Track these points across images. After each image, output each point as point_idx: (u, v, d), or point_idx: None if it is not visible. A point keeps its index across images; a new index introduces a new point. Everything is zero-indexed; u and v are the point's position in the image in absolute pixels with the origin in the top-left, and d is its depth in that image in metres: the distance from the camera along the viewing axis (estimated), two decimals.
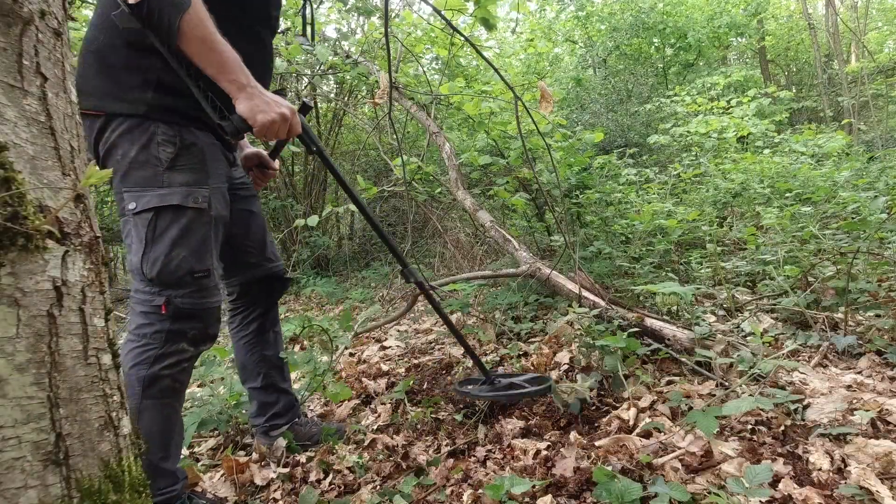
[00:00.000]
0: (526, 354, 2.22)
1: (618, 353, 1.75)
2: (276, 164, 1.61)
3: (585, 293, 2.23)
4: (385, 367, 2.36)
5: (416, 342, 2.76)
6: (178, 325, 1.19)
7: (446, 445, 1.54)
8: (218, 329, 1.28)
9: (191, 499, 1.28)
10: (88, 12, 3.55)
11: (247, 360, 1.62)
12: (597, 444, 1.38)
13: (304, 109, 1.35)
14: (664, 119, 7.25)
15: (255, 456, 1.58)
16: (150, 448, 1.18)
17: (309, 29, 1.69)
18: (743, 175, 4.09)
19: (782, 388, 1.60)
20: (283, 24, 4.25)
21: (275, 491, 1.41)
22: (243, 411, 1.77)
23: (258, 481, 1.45)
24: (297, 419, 1.66)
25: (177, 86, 1.17)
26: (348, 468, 1.46)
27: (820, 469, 1.16)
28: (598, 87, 9.93)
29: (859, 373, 1.65)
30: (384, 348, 2.70)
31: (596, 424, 1.54)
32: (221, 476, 1.51)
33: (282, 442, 1.58)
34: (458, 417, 1.72)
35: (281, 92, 1.26)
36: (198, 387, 2.24)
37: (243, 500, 1.40)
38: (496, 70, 1.89)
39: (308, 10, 1.70)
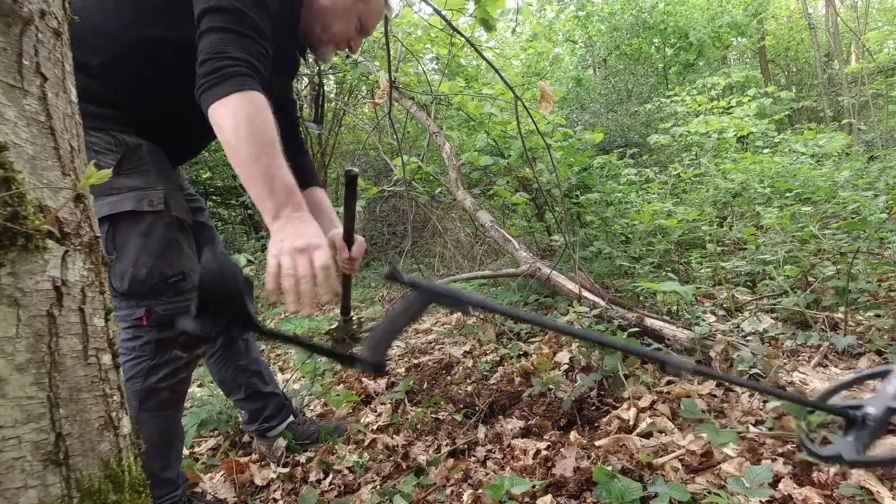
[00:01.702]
0: (526, 354, 2.22)
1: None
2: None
3: (585, 293, 2.23)
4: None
5: (416, 342, 2.76)
6: (164, 334, 1.12)
7: (446, 445, 1.54)
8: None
9: (191, 501, 1.27)
10: None
11: (224, 376, 1.57)
12: (597, 444, 1.38)
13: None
14: (664, 119, 7.25)
15: (254, 456, 1.59)
16: (150, 458, 1.14)
17: (320, 111, 1.61)
18: (743, 175, 4.09)
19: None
20: None
21: (275, 491, 1.41)
22: (242, 411, 1.77)
23: (258, 481, 1.45)
24: (293, 418, 1.66)
25: (101, 96, 1.07)
26: (348, 468, 1.46)
27: (820, 469, 1.16)
28: (598, 86, 9.93)
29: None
30: None
31: (596, 424, 1.54)
32: (221, 476, 1.52)
33: (282, 442, 1.58)
34: (458, 417, 1.72)
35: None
36: (198, 387, 2.24)
37: (243, 501, 1.40)
38: (496, 70, 1.89)
39: (321, 98, 1.60)
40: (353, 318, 1.28)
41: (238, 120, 0.91)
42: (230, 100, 0.92)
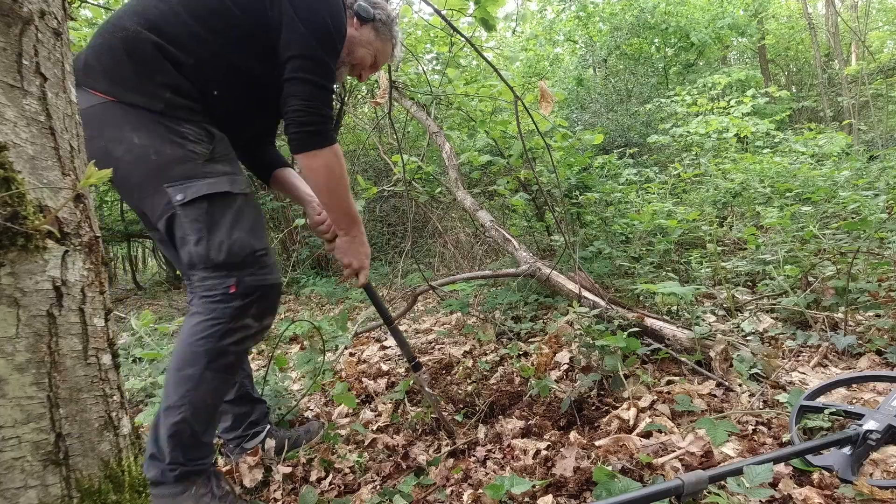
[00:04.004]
0: (526, 354, 2.22)
1: (618, 353, 1.75)
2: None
3: (585, 293, 2.23)
4: (385, 367, 2.36)
5: (415, 342, 2.76)
6: (245, 302, 1.22)
7: (446, 445, 1.54)
8: (278, 305, 1.33)
9: (217, 475, 1.29)
10: (88, 12, 3.55)
11: None
12: (597, 443, 1.38)
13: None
14: (664, 119, 7.25)
15: (249, 459, 1.53)
16: (198, 419, 1.21)
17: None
18: (743, 175, 4.09)
19: (783, 388, 1.60)
20: None
21: (275, 491, 1.41)
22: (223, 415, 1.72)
23: (247, 482, 1.43)
24: (270, 426, 1.61)
25: (192, 93, 1.22)
26: (349, 468, 1.46)
27: (820, 469, 1.15)
28: (599, 86, 9.93)
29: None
30: (384, 348, 2.70)
31: (596, 424, 1.54)
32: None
33: (270, 442, 1.54)
34: (459, 417, 1.72)
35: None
36: None
37: (244, 499, 1.39)
38: (496, 70, 1.89)
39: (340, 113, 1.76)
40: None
41: (330, 169, 1.31)
42: (323, 153, 1.29)
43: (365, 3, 1.46)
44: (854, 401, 1.46)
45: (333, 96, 1.32)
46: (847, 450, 1.17)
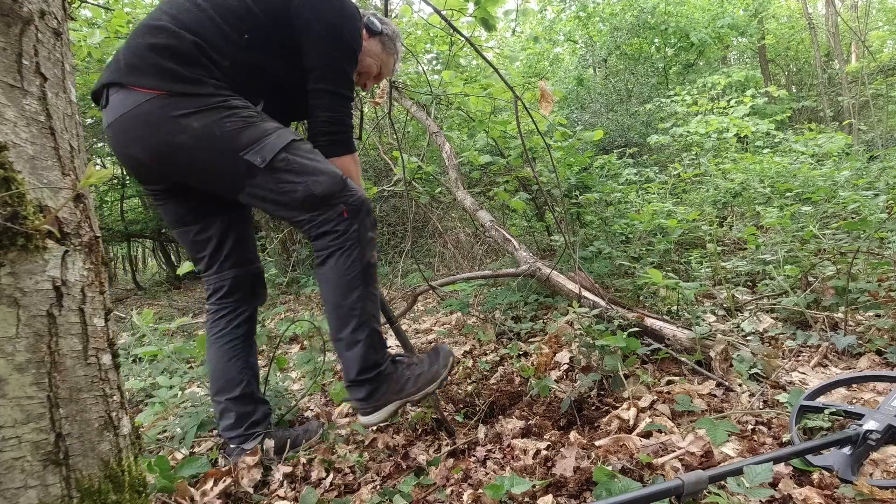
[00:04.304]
0: (526, 354, 2.22)
1: (618, 353, 1.75)
2: None
3: (585, 293, 2.23)
4: None
5: (416, 342, 2.76)
6: (360, 217, 1.38)
7: (446, 445, 1.54)
8: None
9: (395, 361, 1.51)
10: (87, 12, 3.55)
11: (228, 367, 1.54)
12: (597, 443, 1.38)
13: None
14: (664, 119, 7.25)
15: (249, 459, 1.53)
16: (377, 324, 1.43)
17: None
18: (743, 175, 4.09)
19: (783, 388, 1.60)
20: None
21: (275, 491, 1.41)
22: (225, 414, 1.71)
23: (245, 484, 1.42)
24: (269, 427, 1.61)
25: (230, 85, 1.33)
26: (349, 467, 1.46)
27: (820, 469, 1.15)
28: (599, 86, 9.93)
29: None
30: None
31: (596, 424, 1.54)
32: (211, 486, 1.49)
33: (269, 442, 1.54)
34: (459, 417, 1.72)
35: None
36: (197, 387, 2.24)
37: (244, 499, 1.39)
38: (496, 70, 1.89)
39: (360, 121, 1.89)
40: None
41: (348, 174, 1.44)
42: (344, 159, 1.47)
43: (374, 18, 1.61)
44: (854, 401, 1.46)
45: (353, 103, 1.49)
46: (847, 450, 1.17)
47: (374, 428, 1.74)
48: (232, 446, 1.55)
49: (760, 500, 1.03)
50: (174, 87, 1.23)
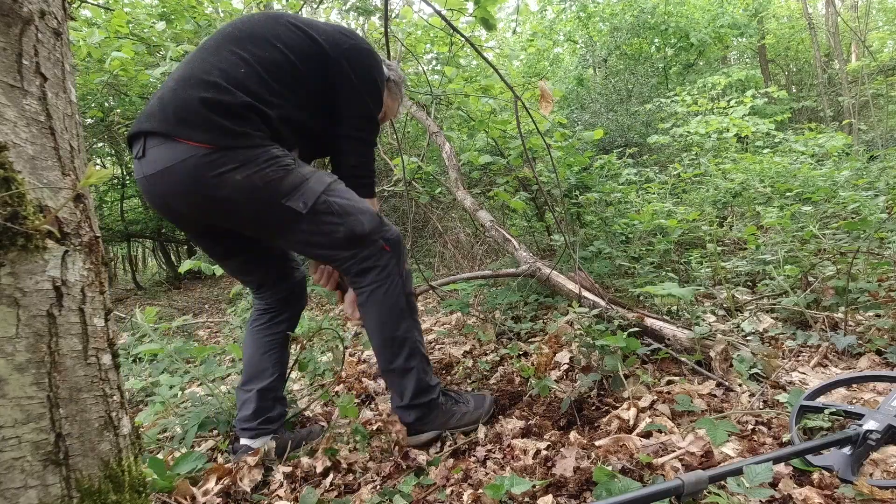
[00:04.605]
0: (526, 354, 2.22)
1: (618, 353, 1.75)
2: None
3: (585, 293, 2.23)
4: None
5: None
6: (397, 251, 1.46)
7: (447, 445, 1.54)
8: None
9: (446, 394, 1.61)
10: (87, 12, 3.55)
11: (262, 359, 1.60)
12: (597, 443, 1.38)
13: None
14: (664, 119, 7.25)
15: (249, 459, 1.53)
16: (424, 369, 1.52)
17: None
18: (743, 175, 4.09)
19: (783, 388, 1.60)
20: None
21: (275, 491, 1.41)
22: (244, 404, 1.73)
23: (245, 485, 1.42)
24: (281, 429, 1.63)
25: (273, 135, 1.36)
26: (348, 465, 1.46)
27: (820, 469, 1.15)
28: (599, 86, 9.93)
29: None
30: None
31: (596, 424, 1.54)
32: (213, 484, 1.49)
33: (272, 443, 1.54)
34: None
35: None
36: (197, 386, 2.24)
37: (244, 499, 1.39)
38: (496, 70, 1.89)
39: None
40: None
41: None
42: (368, 201, 1.52)
43: (382, 64, 1.64)
44: (854, 401, 1.46)
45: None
46: (847, 450, 1.17)
47: (374, 428, 1.73)
48: (242, 441, 1.56)
49: (760, 500, 1.03)
50: (222, 141, 1.25)
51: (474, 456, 1.45)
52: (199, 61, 1.34)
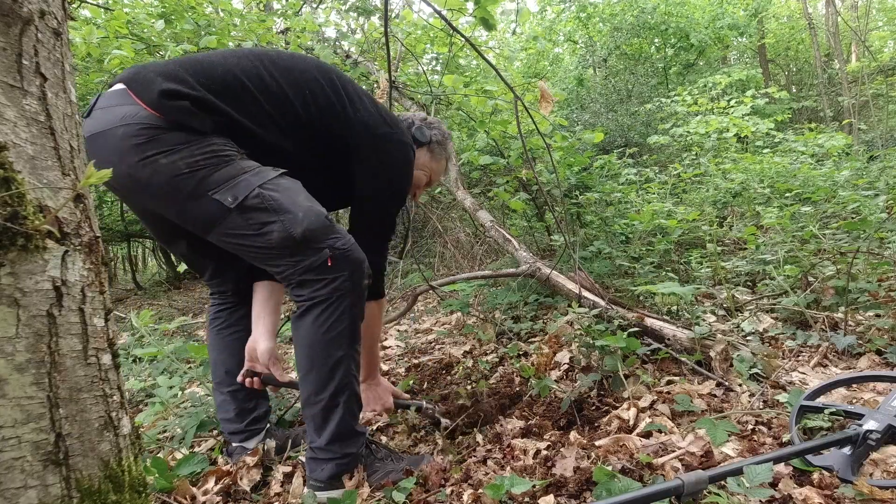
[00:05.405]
0: (526, 354, 2.22)
1: (618, 353, 1.75)
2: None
3: (585, 293, 2.23)
4: (385, 367, 2.36)
5: (415, 342, 2.76)
6: (349, 265, 1.21)
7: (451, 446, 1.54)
8: None
9: (371, 446, 1.40)
10: (87, 12, 3.55)
11: (229, 361, 1.51)
12: (597, 443, 1.38)
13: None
14: (664, 119, 7.25)
15: (248, 459, 1.53)
16: (355, 412, 1.29)
17: None
18: (743, 175, 4.09)
19: (783, 388, 1.60)
20: (282, 25, 4.25)
21: (276, 490, 1.41)
22: (227, 407, 1.70)
23: (245, 485, 1.42)
24: (269, 426, 1.60)
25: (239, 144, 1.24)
26: None
27: (820, 469, 1.15)
28: (599, 86, 9.93)
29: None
30: (384, 348, 2.70)
31: (596, 424, 1.54)
32: (213, 484, 1.49)
33: (271, 442, 1.53)
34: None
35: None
36: (197, 386, 2.24)
37: (244, 498, 1.39)
38: (496, 70, 1.89)
39: None
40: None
41: (375, 317, 1.48)
42: (373, 304, 1.44)
43: (423, 126, 1.56)
44: (854, 401, 1.46)
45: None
46: (847, 450, 1.17)
47: (374, 428, 1.74)
48: (234, 444, 1.53)
49: (760, 500, 1.03)
50: (169, 115, 1.13)
51: (474, 456, 1.45)
52: (217, 55, 1.28)
